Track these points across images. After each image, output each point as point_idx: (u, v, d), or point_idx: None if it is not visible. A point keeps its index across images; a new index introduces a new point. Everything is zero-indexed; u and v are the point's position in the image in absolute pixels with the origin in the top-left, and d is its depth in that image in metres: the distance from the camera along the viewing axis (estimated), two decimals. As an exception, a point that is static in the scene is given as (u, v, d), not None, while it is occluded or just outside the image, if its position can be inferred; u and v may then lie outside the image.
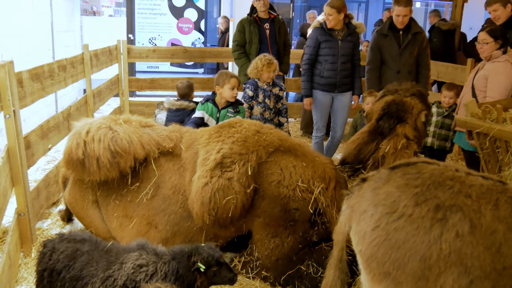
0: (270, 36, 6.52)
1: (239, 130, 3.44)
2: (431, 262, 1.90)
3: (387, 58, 5.46)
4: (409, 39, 5.35)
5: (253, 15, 6.43)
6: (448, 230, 1.92)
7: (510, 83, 4.43)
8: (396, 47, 5.39)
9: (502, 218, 1.93)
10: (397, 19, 5.33)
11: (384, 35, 5.45)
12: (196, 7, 13.42)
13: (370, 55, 5.59)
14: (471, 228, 1.91)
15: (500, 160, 4.00)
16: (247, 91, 5.08)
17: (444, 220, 1.94)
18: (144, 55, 8.15)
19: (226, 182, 3.19)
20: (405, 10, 5.26)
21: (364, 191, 2.19)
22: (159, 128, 3.70)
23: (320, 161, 3.47)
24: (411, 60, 5.42)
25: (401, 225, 1.97)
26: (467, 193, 2.00)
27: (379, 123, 3.53)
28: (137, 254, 2.65)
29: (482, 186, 2.03)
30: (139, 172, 3.47)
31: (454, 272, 1.89)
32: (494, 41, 4.49)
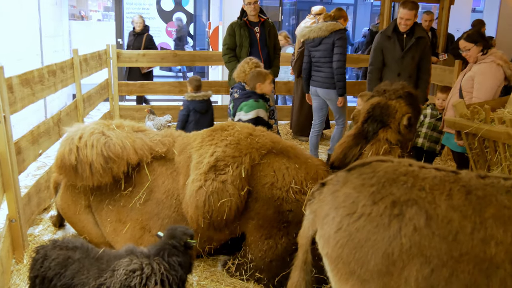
0: (261, 39, 6.54)
1: (232, 133, 3.46)
2: (394, 257, 1.99)
3: (389, 60, 5.49)
4: (412, 43, 5.38)
5: (244, 18, 6.45)
6: (406, 224, 2.01)
7: (495, 83, 4.50)
8: (399, 50, 5.42)
9: (456, 207, 2.02)
10: (400, 21, 5.37)
11: (388, 37, 5.48)
12: (185, 11, 13.42)
13: (373, 56, 5.62)
14: (427, 220, 2.01)
15: (489, 160, 4.05)
16: (235, 96, 5.07)
17: (401, 215, 2.03)
18: (134, 59, 8.13)
19: (220, 185, 3.20)
20: (410, 14, 5.30)
21: (324, 195, 2.27)
22: (152, 133, 3.71)
23: (312, 163, 3.50)
24: (412, 64, 5.45)
25: (361, 225, 2.06)
26: (420, 186, 2.10)
27: (364, 126, 3.54)
28: (128, 259, 2.66)
29: (435, 178, 2.13)
30: (132, 177, 3.47)
31: (417, 263, 1.97)
32: (475, 45, 4.57)
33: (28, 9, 7.61)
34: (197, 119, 5.63)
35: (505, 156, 3.83)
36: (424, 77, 5.53)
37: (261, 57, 6.43)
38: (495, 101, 4.37)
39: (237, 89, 5.09)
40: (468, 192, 2.06)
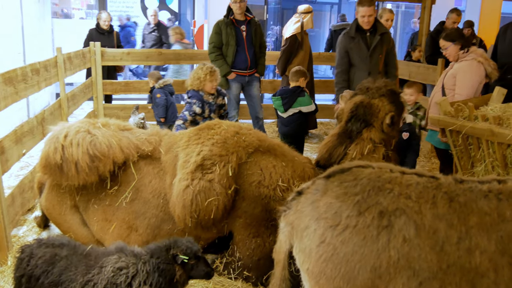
0: (247, 38, 6.55)
1: (218, 132, 3.45)
2: (381, 270, 1.89)
3: (357, 60, 5.51)
4: (377, 40, 5.43)
5: (230, 17, 6.44)
6: (395, 236, 1.91)
7: (477, 80, 4.58)
8: (365, 49, 5.46)
9: (441, 216, 1.96)
10: (362, 20, 5.40)
11: (352, 37, 5.50)
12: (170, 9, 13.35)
13: (338, 58, 5.62)
14: (416, 230, 1.92)
15: (473, 157, 4.12)
16: (195, 108, 5.07)
17: (390, 226, 1.93)
18: (118, 58, 8.06)
19: (207, 184, 3.19)
20: (369, 10, 5.34)
21: (302, 205, 2.12)
22: (138, 131, 3.68)
23: (299, 161, 3.51)
24: (380, 61, 5.51)
25: (347, 237, 1.93)
26: (407, 194, 2.00)
27: (348, 126, 3.55)
28: (116, 257, 2.65)
29: (418, 184, 2.05)
30: (118, 176, 3.44)
31: (404, 276, 1.89)
32: (453, 44, 4.64)
33: (10, 7, 7.49)
34: (172, 101, 6.49)
35: (489, 153, 3.89)
36: (392, 71, 5.60)
37: (247, 55, 6.44)
38: (478, 99, 4.44)
39: (196, 100, 5.08)
40: (451, 200, 2.01)
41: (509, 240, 1.96)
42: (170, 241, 2.76)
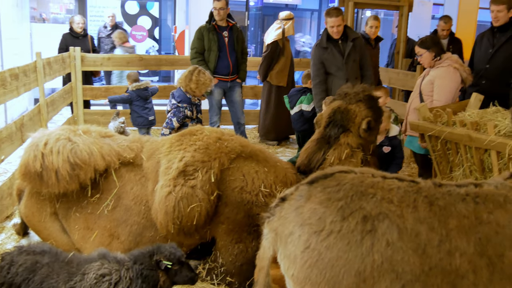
0: (229, 44, 6.59)
1: (201, 138, 3.45)
2: (365, 274, 1.91)
3: (333, 69, 5.58)
4: (350, 46, 5.51)
5: (212, 22, 6.47)
6: (379, 240, 1.94)
7: (454, 86, 4.68)
8: (340, 57, 5.53)
9: (422, 219, 2.00)
10: (331, 30, 5.50)
11: (324, 48, 5.58)
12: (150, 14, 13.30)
13: (314, 70, 5.68)
14: (399, 234, 1.95)
15: (451, 161, 4.20)
16: (187, 112, 5.12)
17: (374, 231, 1.95)
18: (99, 63, 8.00)
19: (189, 190, 3.19)
20: (337, 20, 5.43)
21: (286, 211, 2.12)
22: (120, 138, 3.65)
23: (281, 166, 3.53)
24: (356, 66, 5.59)
25: (331, 243, 1.94)
26: (389, 199, 2.03)
27: (326, 131, 3.59)
28: (99, 263, 2.63)
29: (400, 188, 2.08)
30: (99, 183, 3.41)
31: (387, 280, 1.92)
32: (427, 51, 4.74)
33: (-13, 11, 7.38)
34: (141, 105, 6.60)
35: (467, 158, 3.97)
36: (367, 73, 5.69)
37: (229, 61, 6.47)
38: (456, 105, 4.54)
39: (186, 104, 5.15)
40: (431, 203, 2.05)
41: (487, 242, 2.01)
42: (153, 247, 2.76)
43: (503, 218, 2.07)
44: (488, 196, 2.14)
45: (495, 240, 2.02)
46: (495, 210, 2.09)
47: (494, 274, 2.00)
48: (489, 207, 2.09)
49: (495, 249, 2.01)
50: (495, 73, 5.29)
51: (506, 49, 5.27)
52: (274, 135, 7.71)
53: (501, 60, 5.28)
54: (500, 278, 2.01)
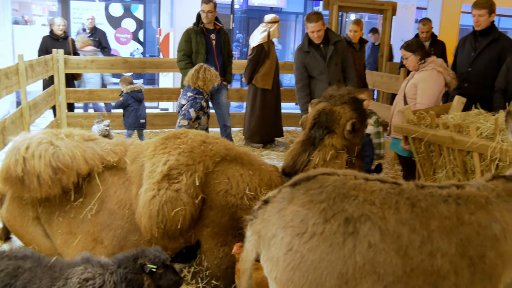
0: (216, 46, 6.61)
1: (185, 141, 3.44)
2: (348, 276, 1.92)
3: (315, 72, 5.62)
4: (332, 49, 5.55)
5: (200, 25, 6.47)
6: (361, 241, 1.95)
7: (437, 89, 4.73)
8: (322, 61, 5.57)
9: (404, 221, 2.01)
10: (312, 35, 5.54)
11: (306, 52, 5.61)
12: (134, 17, 13.23)
13: (297, 74, 5.72)
14: (381, 235, 1.96)
15: (434, 163, 4.24)
16: (203, 103, 5.32)
17: (356, 233, 1.96)
18: (82, 65, 7.92)
19: (174, 194, 3.17)
20: (317, 25, 5.46)
21: (268, 214, 2.12)
22: (103, 141, 3.62)
23: (266, 169, 3.53)
24: (338, 69, 5.63)
25: (314, 245, 1.94)
26: (371, 200, 2.04)
27: (311, 133, 3.60)
28: (82, 268, 2.60)
29: (382, 190, 2.09)
30: (82, 187, 3.37)
31: (369, 281, 1.93)
32: (413, 55, 4.80)
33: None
34: (136, 107, 6.72)
35: (449, 160, 4.02)
36: (349, 76, 5.74)
37: (217, 63, 6.49)
38: (440, 107, 4.58)
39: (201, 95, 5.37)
40: (413, 205, 2.07)
41: (468, 243, 2.04)
42: (137, 250, 2.74)
43: (484, 219, 2.11)
44: (469, 198, 2.17)
45: (476, 241, 2.05)
46: (476, 211, 2.12)
47: (475, 275, 2.03)
48: (471, 208, 2.12)
49: (476, 249, 2.04)
50: (477, 76, 5.37)
51: (487, 53, 5.36)
52: (259, 138, 7.72)
53: (483, 63, 5.36)
54: (481, 279, 2.04)
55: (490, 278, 2.06)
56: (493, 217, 2.13)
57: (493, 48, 5.33)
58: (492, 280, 2.08)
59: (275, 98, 7.78)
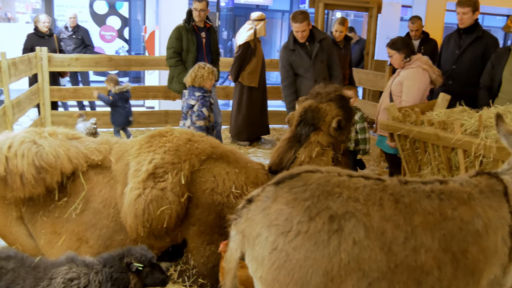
0: (206, 45, 6.62)
1: (170, 139, 3.42)
2: (333, 273, 1.92)
3: (301, 70, 5.64)
4: (317, 48, 5.57)
5: (192, 23, 6.46)
6: (346, 239, 1.94)
7: (422, 87, 4.76)
8: (307, 59, 5.59)
9: (388, 217, 2.01)
10: (296, 34, 5.56)
11: (292, 50, 5.63)
12: (120, 14, 13.10)
13: (283, 72, 5.73)
14: (365, 232, 1.96)
15: (420, 160, 4.27)
16: (211, 100, 5.41)
17: (340, 230, 1.95)
18: (66, 63, 7.83)
19: (159, 193, 3.15)
20: (301, 26, 5.48)
21: (253, 213, 2.10)
22: (87, 140, 3.58)
23: (252, 167, 3.53)
24: (323, 67, 5.65)
25: (299, 243, 1.93)
26: (355, 197, 2.04)
27: (297, 130, 3.61)
28: (67, 267, 2.58)
29: (366, 187, 2.09)
30: (66, 186, 3.34)
31: (354, 278, 1.93)
32: (397, 53, 4.83)
33: None
34: (124, 106, 6.79)
35: (434, 156, 4.05)
36: (334, 73, 5.77)
37: (206, 62, 6.52)
38: (425, 105, 4.62)
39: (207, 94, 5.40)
40: (396, 201, 2.07)
41: (451, 238, 2.05)
42: (123, 249, 2.73)
43: (467, 215, 2.12)
44: (452, 193, 2.18)
45: (459, 236, 2.07)
46: (459, 207, 2.13)
47: (457, 270, 2.04)
48: (454, 204, 2.13)
49: (459, 245, 2.06)
50: (462, 73, 5.42)
51: (471, 51, 5.41)
52: (245, 135, 7.71)
53: (467, 61, 5.42)
54: (464, 274, 2.06)
55: (472, 273, 2.08)
56: (475, 213, 2.15)
57: (477, 46, 5.39)
58: (474, 275, 2.09)
59: (262, 96, 7.78)
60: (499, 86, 4.74)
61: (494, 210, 2.20)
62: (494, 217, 2.18)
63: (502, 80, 4.70)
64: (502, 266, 2.18)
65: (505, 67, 4.68)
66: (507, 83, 4.66)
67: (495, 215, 2.19)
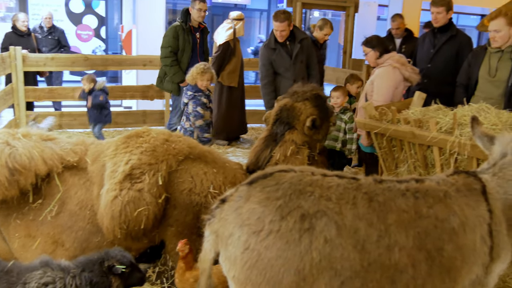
0: (200, 45, 6.70)
1: (147, 140, 3.38)
2: (305, 272, 1.92)
3: (281, 69, 5.68)
4: (298, 47, 5.61)
5: (189, 23, 6.49)
6: (317, 237, 1.94)
7: (392, 85, 4.81)
8: (288, 58, 5.63)
9: (361, 216, 2.02)
10: (276, 33, 5.60)
11: (273, 49, 5.66)
12: (96, 13, 12.94)
13: (263, 70, 5.75)
14: (337, 230, 1.96)
15: (396, 158, 4.32)
16: (202, 99, 5.39)
17: (312, 229, 1.95)
18: (42, 63, 7.69)
19: (136, 194, 3.11)
20: (283, 25, 5.52)
21: (226, 213, 2.11)
22: (63, 141, 3.52)
23: (230, 167, 3.52)
24: (303, 67, 5.70)
25: (271, 242, 1.94)
26: (327, 196, 2.04)
27: (273, 128, 3.62)
28: (41, 272, 2.53)
29: (339, 186, 2.10)
30: (41, 188, 3.27)
31: (326, 277, 1.93)
32: (372, 50, 4.88)
33: None
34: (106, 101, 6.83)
35: (411, 154, 4.10)
36: (313, 73, 5.84)
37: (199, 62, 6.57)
38: (401, 103, 4.67)
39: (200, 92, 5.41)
40: (370, 199, 2.07)
41: (425, 236, 2.06)
42: (101, 253, 2.70)
43: (442, 212, 2.13)
44: (428, 191, 2.19)
45: (434, 234, 2.07)
46: (434, 205, 2.14)
47: (433, 268, 2.05)
48: (429, 202, 2.14)
49: (434, 243, 2.06)
50: (437, 72, 5.50)
51: (446, 49, 5.49)
52: (224, 135, 7.70)
53: (441, 60, 5.50)
54: (439, 272, 2.07)
55: (448, 271, 2.09)
56: (451, 211, 2.15)
57: (452, 45, 5.48)
58: (451, 273, 2.09)
59: (241, 96, 7.78)
60: (475, 84, 4.82)
61: (471, 209, 2.20)
62: (471, 216, 2.18)
63: (478, 79, 4.78)
64: (484, 266, 2.18)
65: (481, 66, 4.75)
66: (483, 82, 4.74)
67: (472, 214, 2.19)
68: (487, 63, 4.70)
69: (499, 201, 2.28)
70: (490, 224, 2.21)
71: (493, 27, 4.54)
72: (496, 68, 4.61)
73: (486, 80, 4.71)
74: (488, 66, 4.68)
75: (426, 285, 2.05)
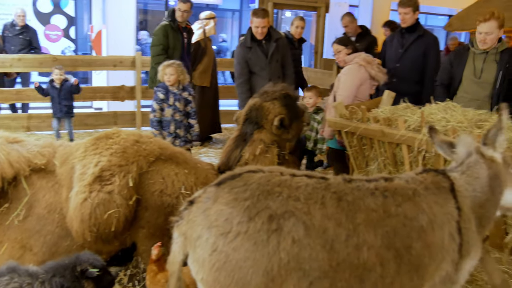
0: (187, 44, 6.72)
1: (117, 141, 3.34)
2: (273, 273, 1.92)
3: (257, 68, 5.69)
4: (274, 47, 5.64)
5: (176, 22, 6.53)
6: (285, 238, 1.94)
7: (356, 82, 4.88)
8: (263, 58, 5.65)
9: (330, 215, 2.02)
10: (256, 30, 5.61)
11: (249, 47, 5.66)
12: (65, 13, 12.69)
13: (238, 69, 5.75)
14: (305, 231, 1.96)
15: (367, 156, 4.38)
16: (158, 94, 5.33)
17: (279, 229, 1.95)
18: (8, 64, 7.51)
19: (106, 196, 3.07)
20: (263, 21, 5.54)
21: (194, 214, 2.10)
22: (30, 143, 3.45)
23: (202, 168, 3.51)
24: (278, 66, 5.75)
25: (239, 244, 1.93)
26: (295, 196, 2.04)
27: (243, 128, 3.63)
28: (8, 278, 2.46)
29: (308, 186, 2.10)
30: (7, 192, 3.19)
31: (294, 278, 1.93)
32: (345, 48, 4.95)
33: None
34: None
35: (380, 152, 4.16)
36: (288, 72, 5.89)
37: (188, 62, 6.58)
38: (370, 102, 4.74)
39: (160, 88, 5.36)
40: (339, 199, 2.08)
41: (394, 235, 2.08)
42: (71, 258, 2.65)
43: (411, 211, 2.15)
44: (397, 190, 2.21)
45: (402, 232, 2.09)
46: (403, 203, 2.16)
47: (401, 266, 2.07)
48: (398, 200, 2.16)
49: (403, 241, 2.08)
50: (405, 71, 5.59)
51: (414, 49, 5.59)
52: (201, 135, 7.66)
53: (409, 59, 5.59)
54: (408, 270, 2.09)
55: (416, 269, 2.10)
56: (420, 209, 2.17)
57: (419, 45, 5.58)
58: (419, 271, 2.12)
59: (213, 96, 7.76)
60: (459, 84, 4.81)
61: (439, 206, 2.23)
62: (439, 213, 2.21)
63: (463, 79, 4.76)
64: (453, 263, 2.21)
65: (466, 67, 4.74)
66: (468, 83, 4.73)
67: (440, 211, 2.22)
68: (472, 64, 4.69)
69: (468, 198, 2.32)
70: (458, 222, 2.23)
71: (485, 29, 4.47)
72: (481, 70, 4.61)
73: (472, 81, 4.70)
74: (473, 67, 4.67)
75: (394, 283, 2.07)
